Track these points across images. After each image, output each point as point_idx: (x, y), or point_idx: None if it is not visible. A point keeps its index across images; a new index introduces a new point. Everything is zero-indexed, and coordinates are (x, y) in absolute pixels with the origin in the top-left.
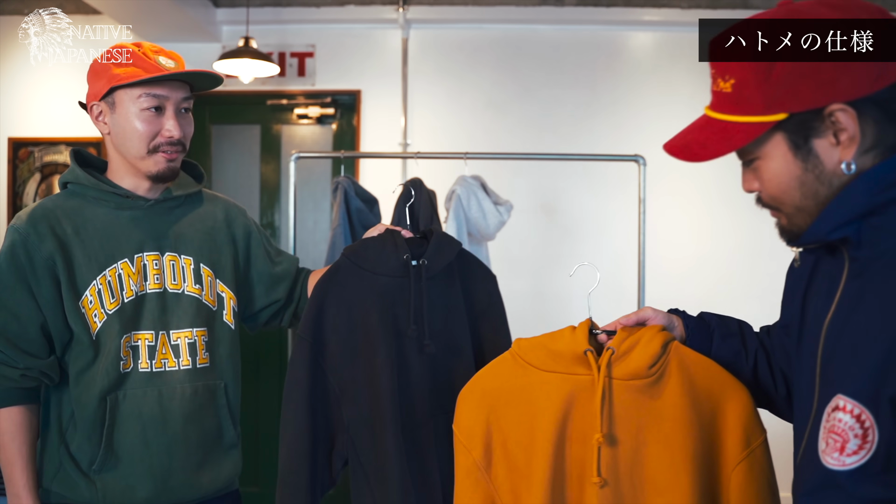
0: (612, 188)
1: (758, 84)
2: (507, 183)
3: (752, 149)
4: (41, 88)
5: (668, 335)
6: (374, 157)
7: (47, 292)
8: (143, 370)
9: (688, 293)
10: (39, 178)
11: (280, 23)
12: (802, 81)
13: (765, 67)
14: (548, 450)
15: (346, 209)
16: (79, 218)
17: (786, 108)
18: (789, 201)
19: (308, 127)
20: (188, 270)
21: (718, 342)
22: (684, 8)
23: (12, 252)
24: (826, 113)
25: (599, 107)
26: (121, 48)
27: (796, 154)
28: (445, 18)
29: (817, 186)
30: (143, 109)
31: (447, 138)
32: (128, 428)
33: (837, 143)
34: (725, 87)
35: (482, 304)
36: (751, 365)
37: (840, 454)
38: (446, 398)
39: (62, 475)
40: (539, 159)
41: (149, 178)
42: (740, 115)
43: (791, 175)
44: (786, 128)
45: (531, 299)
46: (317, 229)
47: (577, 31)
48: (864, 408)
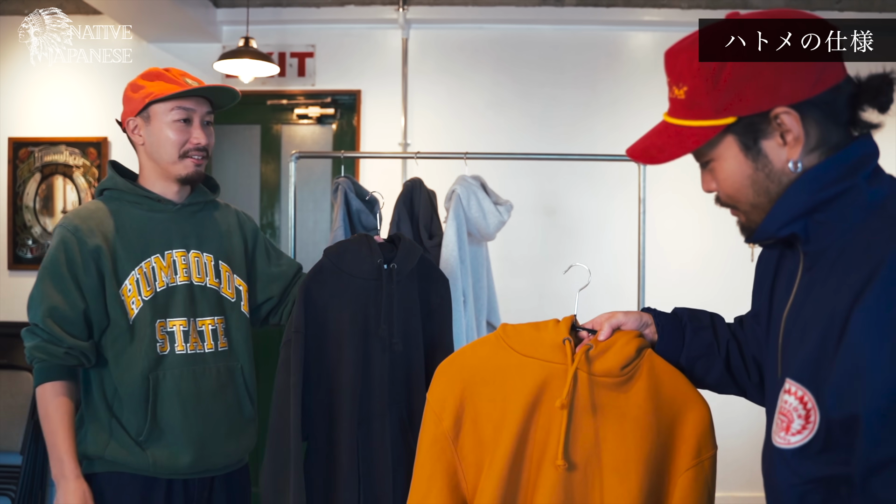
0: (612, 188)
1: (707, 90)
2: (507, 183)
3: (707, 151)
4: (41, 88)
5: (644, 342)
6: (374, 157)
7: (91, 282)
8: (179, 352)
9: (687, 293)
10: (40, 178)
11: (280, 23)
12: (747, 86)
13: (713, 75)
14: (514, 429)
15: (346, 209)
16: (118, 218)
17: (733, 112)
18: (744, 199)
19: (308, 127)
20: (209, 266)
21: (691, 336)
22: (684, 8)
23: (63, 247)
24: (772, 115)
25: (599, 107)
26: (154, 71)
27: (747, 154)
28: (445, 18)
29: (768, 184)
30: (174, 121)
31: (447, 138)
32: (169, 403)
33: (784, 144)
34: (679, 94)
35: (433, 304)
36: (723, 355)
37: (786, 433)
38: (402, 389)
39: (114, 445)
40: (539, 159)
41: (178, 181)
42: (693, 119)
43: (743, 174)
44: (735, 130)
45: (531, 299)
46: (317, 229)
47: (577, 31)
48: (807, 390)
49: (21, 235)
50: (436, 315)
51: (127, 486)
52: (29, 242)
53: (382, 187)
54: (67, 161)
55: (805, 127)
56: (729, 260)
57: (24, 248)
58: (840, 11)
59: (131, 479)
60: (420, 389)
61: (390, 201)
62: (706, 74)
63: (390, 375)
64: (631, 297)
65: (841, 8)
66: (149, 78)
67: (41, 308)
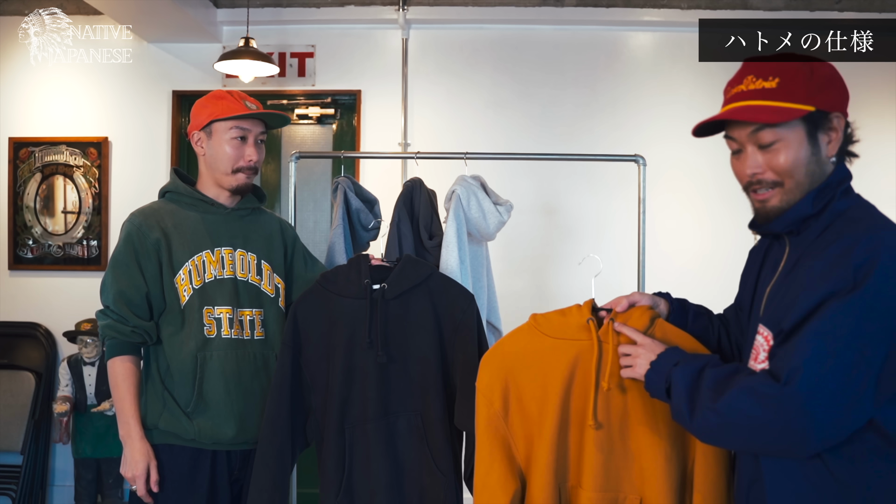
0: (612, 188)
1: (804, 80)
2: (507, 183)
3: (781, 131)
4: (41, 88)
5: (655, 313)
6: (374, 157)
7: (152, 269)
8: (224, 336)
9: (687, 293)
10: (40, 178)
11: (280, 23)
12: (830, 87)
13: (808, 70)
14: (556, 401)
15: (345, 209)
16: (176, 217)
17: (816, 103)
18: (796, 176)
19: (308, 127)
20: (252, 264)
21: (693, 318)
22: (684, 8)
23: (129, 239)
24: (832, 116)
25: (599, 107)
26: (219, 93)
27: (809, 141)
28: (445, 18)
29: (815, 168)
30: (232, 138)
31: (447, 138)
32: (215, 380)
33: (829, 141)
34: (770, 84)
35: (457, 319)
36: (715, 337)
37: (755, 361)
38: (398, 402)
39: (167, 415)
40: (539, 159)
41: (229, 190)
42: (787, 101)
43: (803, 155)
44: (808, 119)
45: (531, 299)
46: (317, 229)
47: (577, 31)
48: (770, 332)
49: (21, 235)
50: (463, 329)
51: (178, 455)
52: (29, 242)
53: (382, 187)
54: (68, 161)
55: (842, 136)
56: (728, 260)
57: (25, 248)
58: (840, 11)
59: (181, 450)
60: (418, 403)
61: (390, 201)
62: (802, 69)
63: (381, 388)
64: None
65: (841, 8)
66: (214, 98)
67: (112, 292)
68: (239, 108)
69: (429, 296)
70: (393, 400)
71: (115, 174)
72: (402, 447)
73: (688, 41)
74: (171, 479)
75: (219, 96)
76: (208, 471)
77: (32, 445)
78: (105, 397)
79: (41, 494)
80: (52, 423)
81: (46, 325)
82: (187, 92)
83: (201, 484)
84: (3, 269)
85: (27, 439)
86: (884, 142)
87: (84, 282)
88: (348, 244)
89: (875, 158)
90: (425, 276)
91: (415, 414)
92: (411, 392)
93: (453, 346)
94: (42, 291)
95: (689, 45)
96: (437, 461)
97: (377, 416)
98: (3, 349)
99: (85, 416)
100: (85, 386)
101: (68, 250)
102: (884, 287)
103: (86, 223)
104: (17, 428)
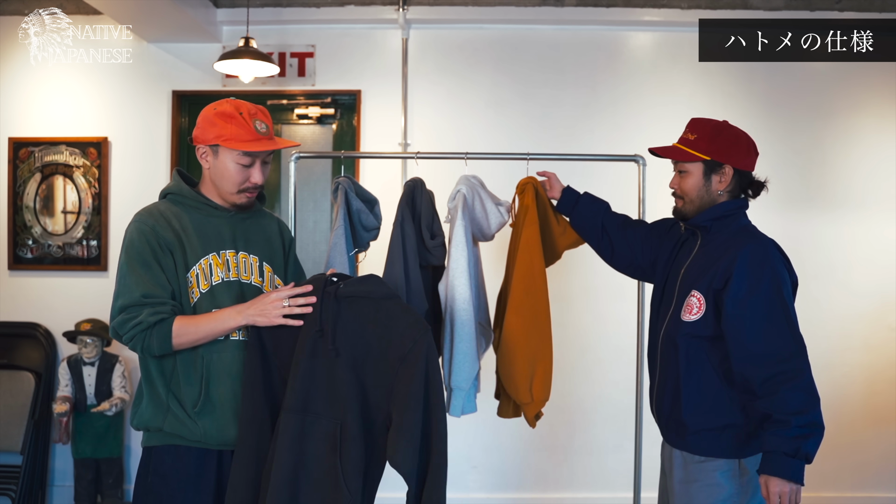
0: (612, 188)
1: (709, 139)
2: (507, 183)
3: (688, 165)
4: (41, 88)
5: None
6: (374, 157)
7: (170, 265)
8: (232, 338)
9: None
10: (40, 178)
11: (280, 23)
12: (732, 146)
13: (714, 134)
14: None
15: (346, 209)
16: (182, 219)
17: (712, 155)
18: (691, 198)
19: (308, 127)
20: (255, 266)
21: (583, 204)
22: (684, 8)
23: (144, 238)
24: (725, 166)
25: (599, 107)
26: (228, 112)
27: (704, 177)
28: (445, 18)
29: (704, 195)
30: (238, 163)
31: (447, 138)
32: (221, 382)
33: (720, 181)
34: (692, 137)
35: (404, 348)
36: (599, 225)
37: (689, 314)
38: (340, 401)
39: (171, 417)
40: (539, 159)
41: (231, 206)
42: (694, 150)
43: (698, 185)
44: (706, 163)
45: None
46: (317, 229)
47: (577, 31)
48: (701, 294)
49: (21, 235)
50: (410, 360)
51: (184, 455)
52: (29, 242)
53: (382, 187)
54: (67, 161)
55: (731, 179)
56: None
57: (25, 248)
58: (840, 11)
59: (187, 450)
60: (338, 412)
61: (390, 201)
62: (712, 130)
63: (329, 382)
64: (631, 297)
65: (841, 8)
66: (224, 118)
67: (137, 293)
68: (248, 134)
69: (384, 315)
70: (317, 399)
71: (115, 174)
72: (311, 451)
73: (688, 41)
74: (177, 479)
75: (229, 115)
76: (215, 471)
77: (32, 445)
78: (105, 397)
79: (41, 494)
80: (52, 423)
81: (46, 325)
82: (187, 92)
83: (208, 484)
84: (2, 269)
85: (27, 439)
86: (884, 142)
87: (84, 282)
88: (349, 245)
89: (875, 158)
90: (384, 296)
91: (334, 422)
92: (337, 399)
93: (396, 374)
94: (42, 291)
95: (689, 45)
96: (346, 479)
97: (294, 409)
98: (2, 349)
99: (85, 417)
100: (85, 386)
101: (68, 250)
102: (755, 273)
103: (85, 223)
104: (17, 428)
